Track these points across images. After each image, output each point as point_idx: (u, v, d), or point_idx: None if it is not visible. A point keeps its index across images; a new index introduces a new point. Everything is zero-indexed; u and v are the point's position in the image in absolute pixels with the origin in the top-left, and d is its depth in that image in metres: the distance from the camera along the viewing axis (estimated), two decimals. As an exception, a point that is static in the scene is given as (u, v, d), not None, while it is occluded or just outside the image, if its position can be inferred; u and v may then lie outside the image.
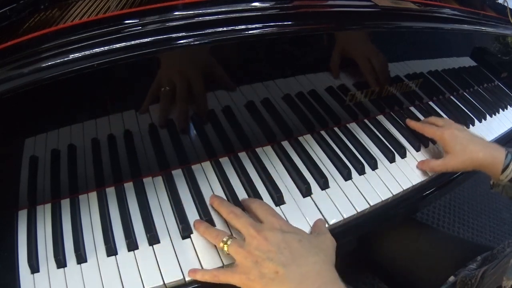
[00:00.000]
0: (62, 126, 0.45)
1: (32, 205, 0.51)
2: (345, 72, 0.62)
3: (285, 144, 0.64)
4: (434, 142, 0.70)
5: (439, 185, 0.67)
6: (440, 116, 0.80)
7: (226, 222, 0.51)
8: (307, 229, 0.52)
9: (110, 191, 0.54)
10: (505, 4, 0.82)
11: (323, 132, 0.67)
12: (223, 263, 0.47)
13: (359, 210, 0.56)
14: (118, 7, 0.46)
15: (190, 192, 0.54)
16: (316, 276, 0.41)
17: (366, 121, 0.72)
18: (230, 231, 0.50)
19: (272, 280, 0.41)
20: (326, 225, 0.53)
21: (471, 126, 0.81)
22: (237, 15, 0.47)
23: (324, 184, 0.58)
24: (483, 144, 0.62)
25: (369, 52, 0.63)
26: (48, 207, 0.51)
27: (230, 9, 0.47)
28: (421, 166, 0.65)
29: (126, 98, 0.48)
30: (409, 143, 0.70)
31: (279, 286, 0.41)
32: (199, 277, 0.45)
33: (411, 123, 0.70)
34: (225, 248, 0.45)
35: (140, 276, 0.45)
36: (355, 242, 0.65)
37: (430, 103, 0.83)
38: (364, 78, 0.65)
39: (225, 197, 0.54)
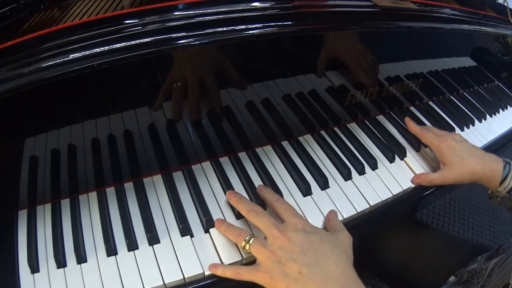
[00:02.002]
0: (62, 126, 0.45)
1: (32, 205, 0.51)
2: (345, 72, 0.62)
3: (285, 144, 0.64)
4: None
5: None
6: (440, 116, 0.80)
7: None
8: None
9: (110, 191, 0.54)
10: (505, 4, 0.82)
11: (323, 132, 0.67)
12: (242, 257, 0.47)
13: (359, 210, 0.56)
14: (118, 7, 0.46)
15: (190, 192, 0.54)
16: (339, 275, 0.41)
17: (366, 121, 0.72)
18: (250, 229, 0.50)
19: (296, 280, 0.41)
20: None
21: (471, 126, 0.81)
22: (237, 15, 0.47)
23: (324, 184, 0.58)
24: (481, 156, 0.60)
25: (369, 52, 0.62)
26: (48, 207, 0.51)
27: (230, 9, 0.47)
28: (417, 180, 0.62)
29: (126, 98, 0.48)
30: (409, 143, 0.70)
31: (303, 286, 0.41)
32: (220, 272, 0.45)
33: (410, 124, 0.69)
34: (247, 247, 0.45)
35: (140, 276, 0.45)
36: (355, 242, 0.63)
37: (430, 103, 0.83)
38: (364, 78, 0.65)
39: (225, 197, 0.54)
